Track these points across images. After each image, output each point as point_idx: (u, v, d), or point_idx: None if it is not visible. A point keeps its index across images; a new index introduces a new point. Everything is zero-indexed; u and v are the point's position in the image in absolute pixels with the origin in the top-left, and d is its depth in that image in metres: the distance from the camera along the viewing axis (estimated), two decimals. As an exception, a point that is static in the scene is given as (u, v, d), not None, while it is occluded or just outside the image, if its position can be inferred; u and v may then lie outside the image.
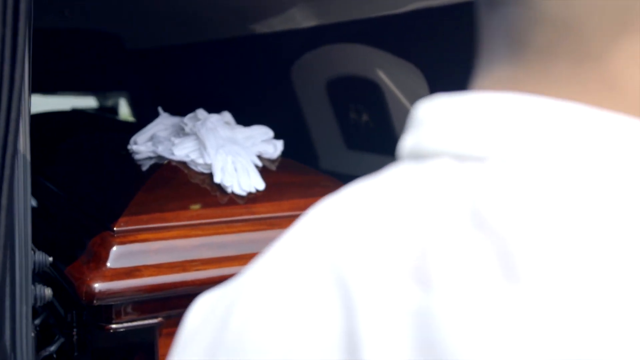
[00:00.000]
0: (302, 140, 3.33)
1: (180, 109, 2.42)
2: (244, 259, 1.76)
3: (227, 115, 2.14)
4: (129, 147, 2.05)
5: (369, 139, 3.01)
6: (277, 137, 2.21)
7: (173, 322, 1.69)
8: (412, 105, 2.73)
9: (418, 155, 0.44)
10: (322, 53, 3.02)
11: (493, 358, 0.33)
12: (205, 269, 1.72)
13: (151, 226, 1.75)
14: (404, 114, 2.80)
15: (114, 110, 5.00)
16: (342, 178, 2.43)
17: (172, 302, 1.69)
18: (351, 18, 2.77)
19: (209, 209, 1.83)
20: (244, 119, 2.28)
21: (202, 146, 1.92)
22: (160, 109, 2.23)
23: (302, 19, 2.91)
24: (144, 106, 4.52)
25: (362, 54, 2.85)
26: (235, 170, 1.90)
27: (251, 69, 3.37)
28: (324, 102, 3.14)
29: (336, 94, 3.09)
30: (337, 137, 3.16)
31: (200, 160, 1.91)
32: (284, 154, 2.46)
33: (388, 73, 2.80)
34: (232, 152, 1.93)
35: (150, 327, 1.69)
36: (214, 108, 2.24)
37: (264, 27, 3.10)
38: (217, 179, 1.88)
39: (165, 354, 1.70)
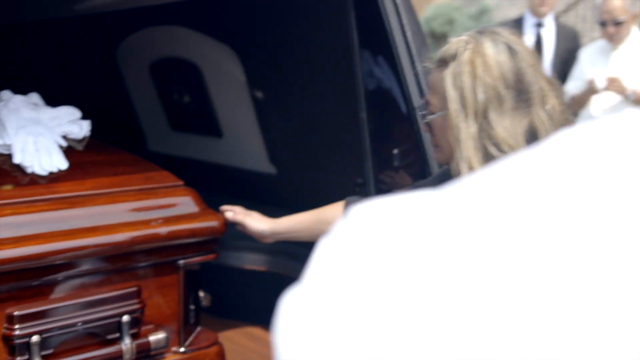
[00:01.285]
0: (129, 123, 3.35)
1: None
2: (43, 237, 1.80)
3: (34, 97, 2.15)
4: None
5: (191, 120, 3.08)
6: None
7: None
8: (230, 86, 2.83)
9: None
10: (145, 35, 3.05)
11: None
12: (2, 249, 1.74)
13: (-53, 207, 1.76)
14: (223, 95, 2.89)
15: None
16: (170, 159, 2.50)
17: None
18: (171, 0, 2.82)
19: (7, 190, 1.85)
20: (70, 102, 2.28)
21: (2, 127, 1.93)
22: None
23: (123, 0, 2.93)
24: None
25: (182, 36, 2.91)
26: (37, 150, 1.92)
27: (76, 51, 3.35)
28: (149, 84, 3.17)
29: (160, 76, 3.14)
30: (162, 119, 3.21)
31: (0, 141, 1.92)
32: (110, 137, 2.48)
33: (207, 55, 2.88)
34: (34, 133, 1.95)
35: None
36: (36, 90, 2.23)
37: (87, 8, 3.09)
38: (16, 160, 1.89)
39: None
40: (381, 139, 2.17)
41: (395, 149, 2.19)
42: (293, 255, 2.66)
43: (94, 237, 1.87)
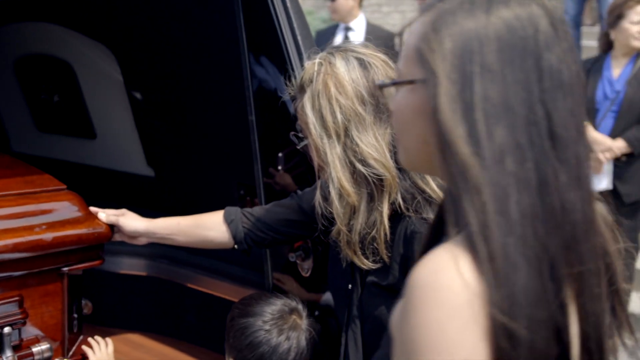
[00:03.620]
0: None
1: None
2: None
3: None
4: None
5: (61, 120, 2.95)
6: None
7: None
8: (105, 86, 2.74)
9: None
10: (11, 31, 2.90)
11: None
12: None
13: None
14: (96, 94, 2.80)
15: None
16: (34, 161, 2.38)
17: None
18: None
19: None
20: None
21: None
22: None
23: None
24: None
25: (53, 33, 2.79)
26: None
27: None
28: (13, 82, 3.02)
29: (26, 74, 2.99)
30: (28, 119, 3.06)
31: None
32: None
33: (80, 53, 2.78)
34: None
35: None
36: None
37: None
38: None
39: None
40: (268, 142, 2.17)
41: (280, 152, 2.20)
42: (174, 260, 2.61)
43: (-28, 244, 1.77)
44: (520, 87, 0.93)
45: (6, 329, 1.79)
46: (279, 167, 2.21)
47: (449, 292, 0.86)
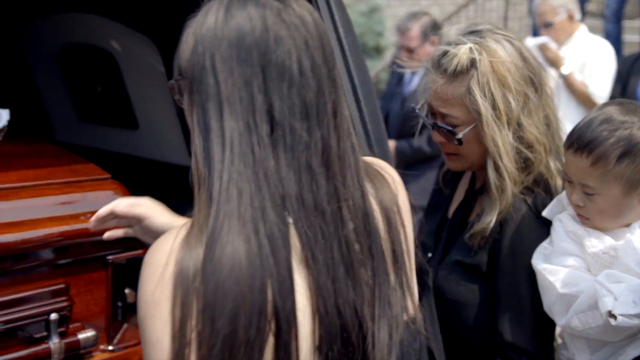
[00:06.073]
0: (35, 112, 3.21)
1: None
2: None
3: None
4: None
5: (103, 110, 2.98)
6: (7, 108, 2.13)
7: None
8: (147, 77, 2.76)
9: None
10: (54, 21, 2.93)
11: None
12: None
13: None
14: (138, 85, 2.82)
15: None
16: (77, 151, 2.40)
17: None
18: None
19: None
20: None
21: None
22: None
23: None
24: None
25: (95, 23, 2.82)
26: (-44, 141, 1.82)
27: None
28: (57, 72, 3.05)
29: (69, 64, 3.02)
30: (71, 109, 3.09)
31: None
32: (14, 125, 2.37)
33: (123, 44, 2.80)
34: (-48, 122, 1.85)
35: None
36: None
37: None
38: None
39: None
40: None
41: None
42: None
43: (20, 232, 1.79)
44: (242, 79, 1.07)
45: (52, 316, 1.82)
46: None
47: None
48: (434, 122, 1.78)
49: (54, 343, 1.80)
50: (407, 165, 4.32)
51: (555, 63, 4.46)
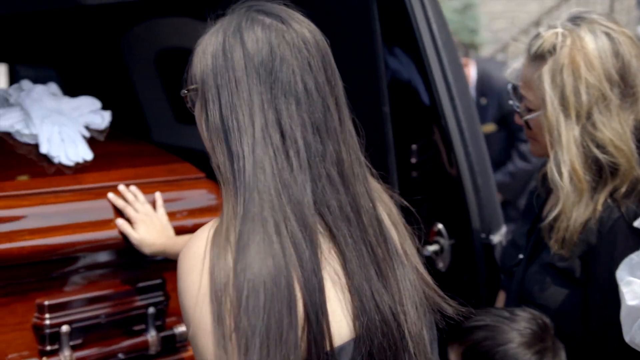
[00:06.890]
0: (133, 113, 3.33)
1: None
2: (71, 228, 1.79)
3: (53, 87, 2.13)
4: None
5: (199, 112, 3.05)
6: (107, 109, 2.21)
7: (2, 292, 1.70)
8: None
9: None
10: (151, 26, 3.03)
11: None
12: (32, 239, 1.72)
13: (-24, 197, 1.73)
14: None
15: None
16: (172, 151, 2.48)
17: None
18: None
19: (35, 179, 1.84)
20: (74, 92, 2.25)
21: (27, 117, 1.92)
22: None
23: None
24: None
25: (189, 27, 2.89)
26: (62, 140, 1.91)
27: (81, 41, 3.32)
28: (154, 75, 3.15)
29: (166, 67, 3.12)
30: (168, 111, 3.19)
31: (26, 131, 1.90)
32: (114, 126, 2.45)
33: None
34: (59, 123, 1.93)
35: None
36: (41, 80, 2.20)
37: (91, -2, 3.06)
38: (43, 150, 1.88)
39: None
40: (402, 134, 2.18)
41: (413, 144, 2.20)
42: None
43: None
44: (252, 94, 1.15)
45: (150, 309, 1.88)
46: (412, 159, 2.21)
47: None
48: (515, 104, 1.76)
49: (152, 336, 1.87)
50: (517, 194, 4.20)
51: None
